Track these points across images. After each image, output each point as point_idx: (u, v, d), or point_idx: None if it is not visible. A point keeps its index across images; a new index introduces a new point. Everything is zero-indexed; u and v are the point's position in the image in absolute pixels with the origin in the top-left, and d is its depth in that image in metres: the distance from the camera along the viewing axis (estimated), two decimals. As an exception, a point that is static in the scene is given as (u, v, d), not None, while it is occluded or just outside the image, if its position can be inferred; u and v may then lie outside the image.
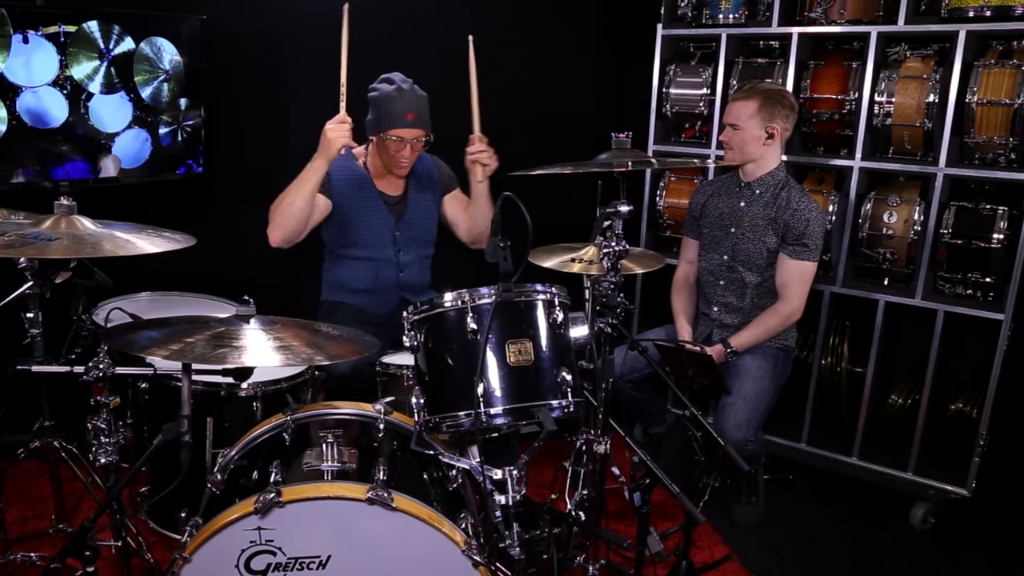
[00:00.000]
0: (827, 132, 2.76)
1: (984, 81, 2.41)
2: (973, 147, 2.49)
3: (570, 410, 1.63)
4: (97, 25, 2.45)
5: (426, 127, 2.32)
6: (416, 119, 2.29)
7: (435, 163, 2.56)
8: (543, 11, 3.27)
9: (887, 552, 2.47)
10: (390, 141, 2.30)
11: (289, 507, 1.50)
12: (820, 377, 2.81)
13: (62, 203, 1.68)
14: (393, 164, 2.36)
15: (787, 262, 2.40)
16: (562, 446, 2.39)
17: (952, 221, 2.50)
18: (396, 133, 2.28)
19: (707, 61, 2.97)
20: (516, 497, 1.62)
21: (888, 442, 2.76)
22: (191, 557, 1.51)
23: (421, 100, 2.33)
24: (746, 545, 2.44)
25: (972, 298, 2.53)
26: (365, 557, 1.54)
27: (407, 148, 2.32)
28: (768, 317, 2.44)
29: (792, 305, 2.42)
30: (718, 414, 2.39)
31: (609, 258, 1.68)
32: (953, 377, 2.75)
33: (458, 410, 1.61)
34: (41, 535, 2.20)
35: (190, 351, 1.51)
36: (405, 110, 2.28)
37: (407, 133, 2.29)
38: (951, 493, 2.55)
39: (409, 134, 2.29)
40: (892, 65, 2.60)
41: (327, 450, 1.65)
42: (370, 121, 2.35)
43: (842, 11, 2.67)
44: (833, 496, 2.77)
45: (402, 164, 2.36)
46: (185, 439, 1.58)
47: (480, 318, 1.60)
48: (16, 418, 2.27)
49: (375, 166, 2.44)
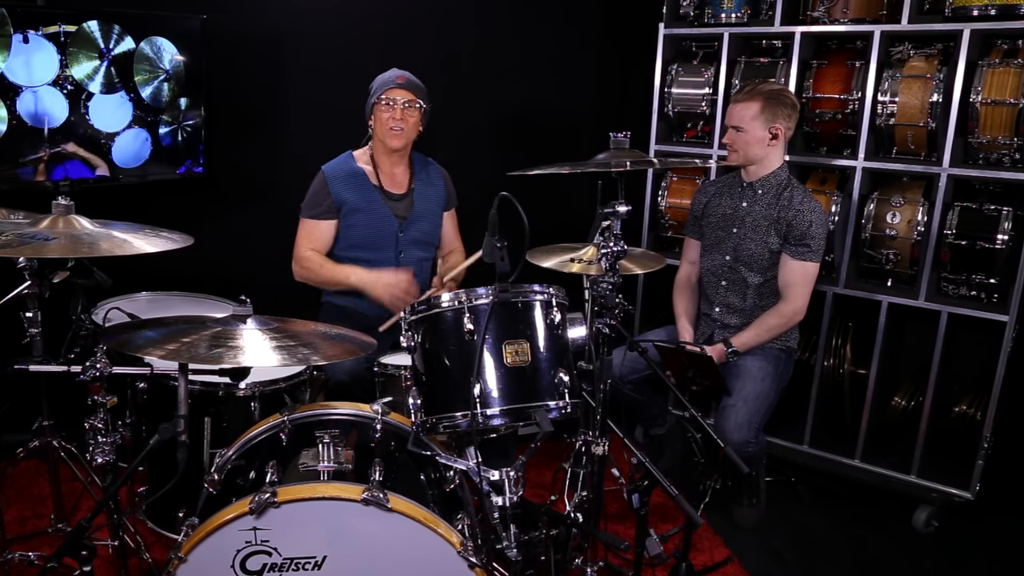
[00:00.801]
0: (830, 132, 2.74)
1: (988, 80, 2.39)
2: (977, 147, 2.47)
3: (567, 411, 1.62)
4: (97, 25, 2.45)
5: (418, 94, 2.36)
6: (406, 82, 2.35)
7: (443, 175, 2.59)
8: (545, 10, 3.27)
9: (890, 555, 2.45)
10: (381, 106, 2.34)
11: (284, 507, 1.49)
12: (823, 379, 2.79)
13: (59, 203, 1.68)
14: (386, 133, 2.37)
15: (789, 262, 2.39)
16: (562, 447, 2.39)
17: (956, 222, 2.48)
18: (388, 95, 2.33)
19: (709, 60, 2.95)
20: (513, 498, 1.61)
21: (891, 444, 2.74)
22: (187, 557, 1.51)
23: (414, 78, 2.39)
24: (747, 547, 2.42)
25: (976, 299, 2.51)
26: (361, 558, 1.53)
27: (397, 110, 2.33)
28: (770, 317, 2.42)
29: (795, 305, 2.40)
30: (718, 415, 2.38)
31: (607, 259, 1.67)
32: (957, 379, 2.73)
33: (455, 411, 1.60)
34: (40, 534, 2.20)
35: (186, 351, 1.51)
36: (396, 76, 2.36)
37: (397, 93, 2.33)
38: (955, 496, 2.53)
39: (399, 94, 2.33)
40: (896, 64, 2.58)
41: (323, 450, 1.64)
42: (366, 104, 2.40)
43: (845, 10, 2.65)
44: (835, 499, 2.75)
45: (396, 131, 2.35)
46: (181, 439, 1.58)
47: (477, 318, 1.59)
48: (16, 417, 2.27)
49: (377, 158, 2.45)
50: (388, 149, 2.41)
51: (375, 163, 2.45)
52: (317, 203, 2.40)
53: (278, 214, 2.69)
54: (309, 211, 2.42)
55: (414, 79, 2.39)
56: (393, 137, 2.37)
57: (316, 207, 2.41)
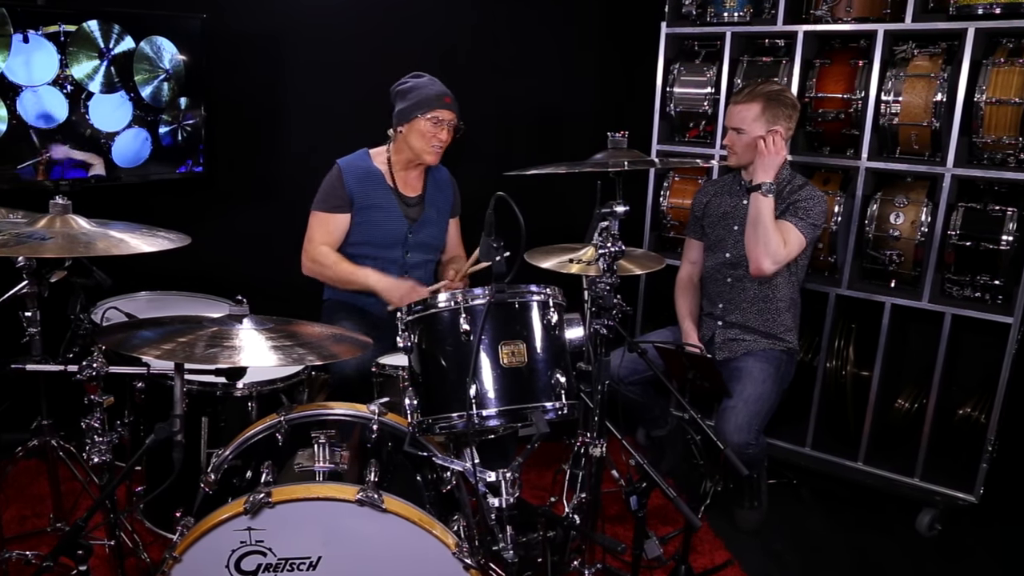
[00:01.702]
0: (833, 132, 2.72)
1: (993, 80, 2.37)
2: (982, 147, 2.44)
3: (564, 412, 1.61)
4: (97, 24, 2.46)
5: (458, 113, 2.36)
6: (452, 103, 2.35)
7: (452, 181, 2.59)
8: (545, 9, 3.25)
9: (892, 559, 2.43)
10: (427, 123, 2.33)
11: (279, 508, 1.49)
12: (825, 380, 2.77)
13: (57, 202, 1.68)
14: (426, 149, 2.36)
15: (782, 223, 2.33)
16: (563, 449, 2.37)
17: (960, 222, 2.46)
18: (436, 114, 2.32)
19: (711, 60, 2.94)
20: (510, 500, 1.60)
21: (894, 447, 2.72)
22: (181, 557, 1.51)
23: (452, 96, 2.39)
24: (748, 550, 2.41)
25: (980, 301, 2.49)
26: (355, 559, 1.53)
27: (444, 131, 2.34)
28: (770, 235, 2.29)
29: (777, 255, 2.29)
30: (719, 417, 2.36)
31: (605, 259, 1.66)
32: (961, 381, 2.71)
33: (451, 411, 1.60)
34: (39, 533, 2.21)
35: (181, 351, 1.51)
36: (442, 93, 2.34)
37: (445, 114, 2.33)
38: (959, 499, 2.51)
39: (447, 115, 2.33)
40: (899, 63, 2.56)
41: (319, 451, 1.64)
42: (402, 110, 2.36)
43: (848, 9, 2.63)
44: (838, 502, 2.73)
45: (436, 149, 2.36)
46: (177, 439, 1.58)
47: (473, 319, 1.58)
48: (15, 417, 2.28)
49: (398, 163, 2.44)
50: (421, 163, 2.42)
51: (391, 165, 2.44)
52: (331, 196, 2.39)
53: (279, 213, 2.70)
54: (323, 204, 2.40)
55: (454, 99, 2.37)
56: (432, 155, 2.37)
57: (330, 200, 2.39)
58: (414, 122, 2.34)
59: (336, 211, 2.39)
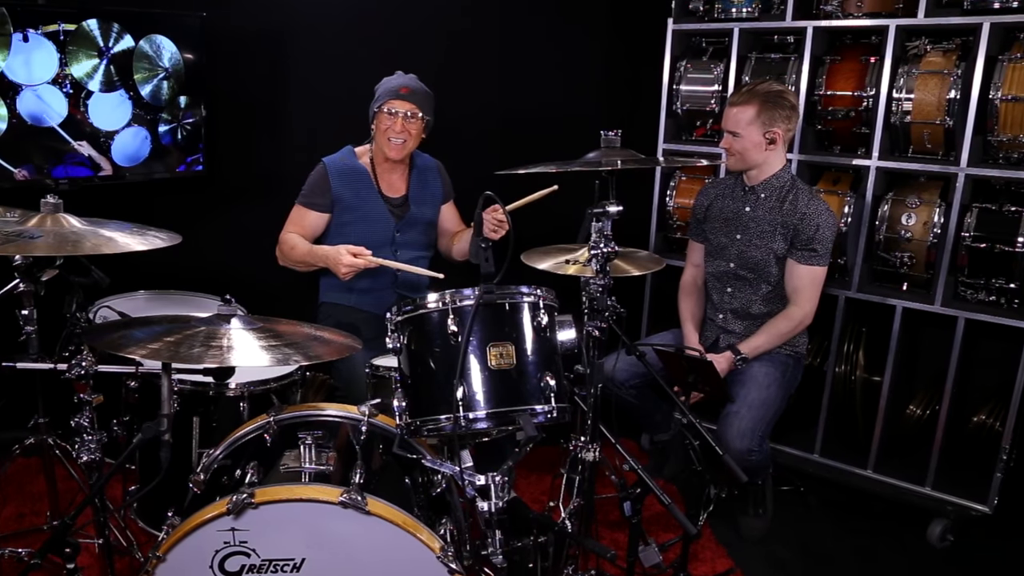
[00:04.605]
0: (843, 130, 2.66)
1: (1009, 76, 2.30)
2: (997, 146, 2.37)
3: (554, 416, 1.57)
4: (97, 23, 2.46)
5: (421, 106, 2.32)
6: (410, 94, 2.31)
7: (438, 169, 2.56)
8: (550, 5, 3.22)
9: (902, 571, 2.37)
10: (383, 116, 2.31)
11: (263, 508, 1.47)
12: (834, 386, 2.71)
13: (48, 201, 1.67)
14: (384, 142, 2.34)
15: (797, 268, 2.32)
16: (563, 453, 2.33)
17: (974, 224, 2.39)
18: (390, 105, 2.30)
19: (719, 57, 2.89)
20: (499, 503, 1.57)
21: (905, 455, 2.65)
22: (165, 556, 1.50)
23: (420, 86, 2.35)
24: (752, 559, 2.36)
25: (995, 305, 2.42)
26: (339, 561, 1.51)
27: (398, 122, 2.30)
28: (779, 322, 2.35)
29: (804, 310, 2.33)
30: (721, 422, 2.31)
31: (597, 260, 1.62)
32: (975, 387, 2.64)
33: (439, 413, 1.56)
34: (37, 531, 2.21)
35: (168, 350, 1.49)
36: (400, 86, 2.32)
37: (399, 105, 2.30)
38: (971, 510, 2.44)
39: (402, 106, 2.30)
40: (912, 60, 2.50)
41: (305, 452, 1.62)
42: (371, 107, 2.37)
43: (859, 3, 2.57)
44: (846, 510, 2.67)
45: (396, 143, 2.33)
46: (164, 438, 1.56)
47: (462, 320, 1.55)
48: (12, 415, 2.29)
49: (377, 160, 2.43)
50: (387, 157, 2.39)
51: (377, 163, 2.43)
52: (313, 193, 2.39)
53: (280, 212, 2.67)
54: (304, 198, 2.41)
55: (419, 87, 2.35)
56: (392, 148, 2.34)
57: (312, 196, 2.39)
58: (376, 117, 2.34)
59: (314, 208, 2.38)
